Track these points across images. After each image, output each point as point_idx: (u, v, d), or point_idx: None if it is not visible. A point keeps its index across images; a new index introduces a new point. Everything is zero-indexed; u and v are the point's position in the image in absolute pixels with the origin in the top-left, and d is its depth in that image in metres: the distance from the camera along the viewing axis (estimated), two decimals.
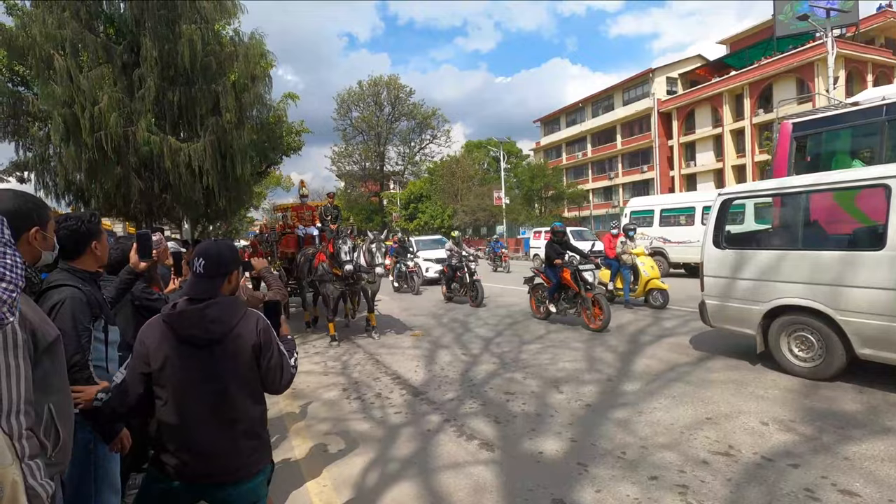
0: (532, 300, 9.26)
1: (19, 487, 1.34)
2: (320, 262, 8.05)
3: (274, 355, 1.86)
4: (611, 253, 9.75)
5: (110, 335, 2.20)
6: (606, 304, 7.53)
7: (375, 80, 48.06)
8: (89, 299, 2.07)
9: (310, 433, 4.36)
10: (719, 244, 5.67)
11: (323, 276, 7.99)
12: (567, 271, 7.98)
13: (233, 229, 39.27)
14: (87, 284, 2.13)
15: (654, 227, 15.41)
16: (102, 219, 9.05)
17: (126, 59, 9.63)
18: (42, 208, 1.75)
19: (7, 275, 1.16)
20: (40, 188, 10.38)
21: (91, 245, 2.18)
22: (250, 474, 1.84)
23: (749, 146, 32.33)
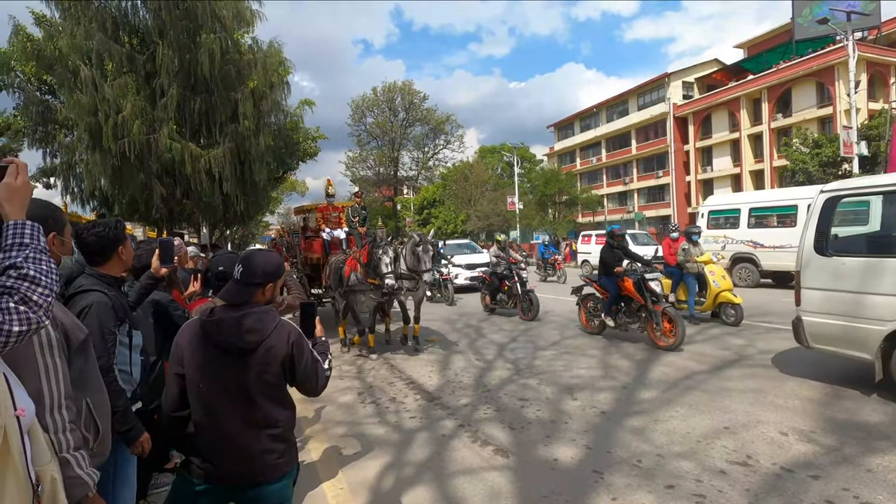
0: (582, 313, 8.23)
1: (58, 484, 1.41)
2: (352, 270, 7.15)
3: (308, 363, 1.91)
4: (671, 260, 8.59)
5: (134, 339, 2.25)
6: (679, 318, 6.61)
7: (389, 86, 48.42)
8: (114, 304, 2.12)
9: (325, 436, 4.41)
10: (824, 250, 4.77)
11: (355, 287, 7.08)
12: (629, 281, 7.08)
13: (248, 233, 39.80)
14: (113, 289, 2.17)
15: (740, 228, 13.32)
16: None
17: (149, 69, 9.91)
18: (57, 214, 1.82)
19: (43, 280, 1.20)
20: (66, 194, 10.72)
21: (117, 250, 2.23)
22: (279, 476, 1.90)
23: (767, 151, 31.84)
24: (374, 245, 6.67)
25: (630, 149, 42.49)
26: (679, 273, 8.48)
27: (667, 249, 8.71)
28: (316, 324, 2.17)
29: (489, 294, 10.71)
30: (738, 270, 13.46)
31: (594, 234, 19.71)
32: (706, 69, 39.36)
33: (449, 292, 12.55)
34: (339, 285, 7.54)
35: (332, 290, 8.04)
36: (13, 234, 1.23)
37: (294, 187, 42.83)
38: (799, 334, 5.03)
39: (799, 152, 21.51)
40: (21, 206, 1.29)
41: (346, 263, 7.35)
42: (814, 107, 29.70)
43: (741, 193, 15.80)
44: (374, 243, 6.69)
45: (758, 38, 37.03)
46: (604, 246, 7.72)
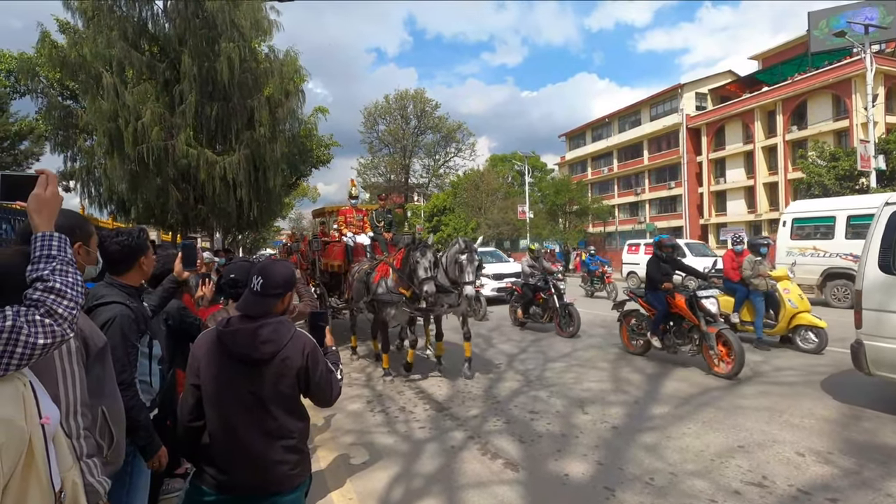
0: (624, 331, 7.50)
1: (79, 489, 1.43)
2: (382, 277, 6.34)
3: (322, 374, 1.92)
4: (734, 275, 7.51)
5: (154, 350, 2.26)
6: (738, 342, 5.85)
7: (402, 94, 48.78)
8: (136, 315, 2.12)
9: (335, 445, 4.41)
10: (890, 268, 4.38)
11: (384, 297, 6.23)
12: (680, 298, 6.36)
13: (260, 238, 40.16)
14: (134, 300, 2.17)
15: (835, 239, 11.66)
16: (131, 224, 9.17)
17: (168, 76, 10.12)
18: (84, 224, 1.85)
19: (69, 293, 1.22)
20: (84, 197, 10.92)
21: (139, 260, 2.22)
22: (292, 487, 1.90)
23: (781, 163, 31.49)
24: (411, 247, 5.81)
25: (642, 159, 42.27)
26: (744, 291, 7.40)
27: (729, 263, 7.66)
28: (326, 333, 2.19)
29: (521, 307, 9.94)
30: (833, 288, 11.71)
31: (642, 242, 17.33)
32: (720, 80, 39.12)
33: (481, 306, 11.17)
34: (363, 295, 6.74)
35: (356, 301, 7.13)
36: (41, 246, 1.25)
37: (306, 193, 43.19)
38: (859, 360, 4.61)
39: (815, 165, 21.25)
40: (50, 217, 1.31)
41: (376, 270, 6.57)
42: (830, 119, 29.35)
43: (835, 199, 13.31)
44: (411, 245, 5.82)
45: (773, 50, 36.77)
46: (650, 258, 6.96)
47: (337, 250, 8.50)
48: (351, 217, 8.80)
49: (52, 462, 1.25)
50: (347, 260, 8.19)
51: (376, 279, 6.43)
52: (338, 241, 8.85)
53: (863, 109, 20.09)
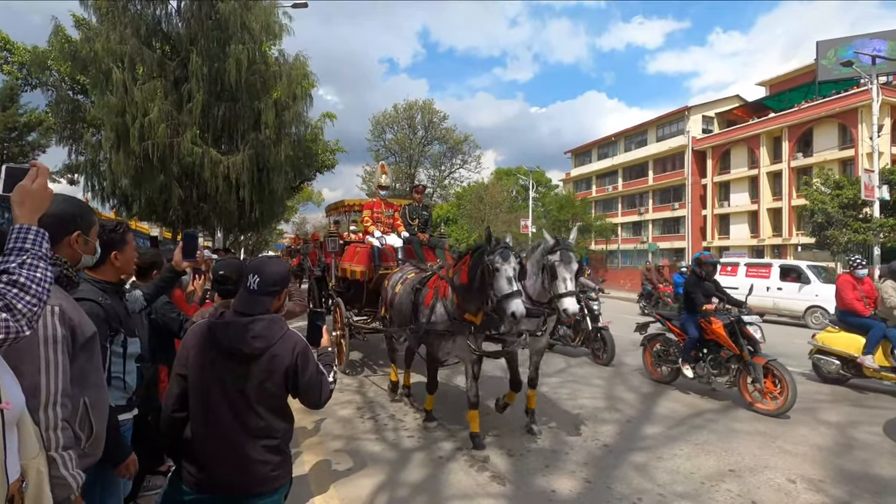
0: (648, 356, 6.80)
1: (44, 478, 1.39)
2: (436, 298, 4.44)
3: (312, 375, 1.90)
4: (861, 307, 6.20)
5: (129, 348, 2.18)
6: (790, 376, 5.19)
7: (410, 104, 49.13)
8: (108, 314, 2.05)
9: (322, 449, 4.36)
10: None
11: (441, 324, 4.30)
12: (718, 323, 5.71)
13: (262, 240, 40.23)
14: (109, 296, 2.11)
15: None
16: (141, 223, 9.29)
17: (178, 75, 10.23)
18: (86, 214, 1.83)
19: (33, 288, 1.17)
20: (88, 190, 10.95)
21: (110, 255, 2.14)
22: (272, 489, 1.87)
23: (786, 189, 31.52)
24: (483, 250, 3.92)
25: (647, 179, 42.36)
26: (881, 327, 5.94)
27: (849, 292, 6.33)
28: (323, 333, 2.17)
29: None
30: None
31: (742, 261, 14.71)
32: (727, 105, 39.34)
33: (608, 346, 7.74)
34: (409, 319, 4.75)
35: (394, 323, 5.19)
36: (15, 238, 1.21)
37: (310, 197, 43.36)
38: None
39: (819, 192, 21.25)
40: (32, 210, 1.26)
41: (427, 286, 4.65)
42: (835, 148, 29.43)
43: None
44: (483, 248, 3.94)
45: (781, 77, 36.99)
46: (689, 277, 6.28)
47: (361, 253, 6.73)
48: (379, 212, 7.07)
49: (9, 448, 1.22)
50: (374, 266, 6.47)
51: (427, 300, 4.49)
52: (360, 241, 7.33)
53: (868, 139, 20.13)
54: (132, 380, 2.29)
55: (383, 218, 7.22)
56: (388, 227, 7.17)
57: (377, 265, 6.56)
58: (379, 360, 6.32)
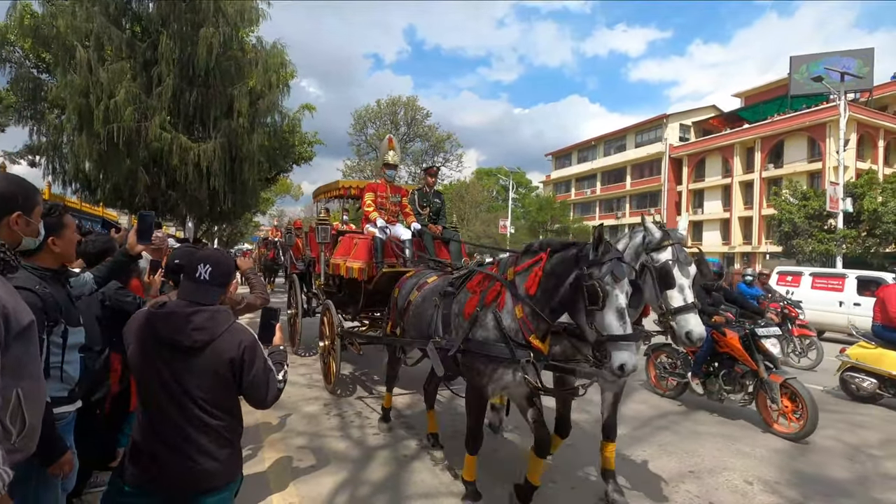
0: (651, 368, 6.33)
1: None
2: (487, 309, 3.08)
3: (258, 372, 1.82)
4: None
5: (70, 338, 2.07)
6: (809, 395, 4.70)
7: (394, 100, 48.79)
8: (46, 304, 1.94)
9: (284, 446, 4.26)
10: None
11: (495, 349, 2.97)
12: (733, 335, 5.23)
13: (237, 232, 39.43)
14: (48, 284, 2.00)
15: None
16: (108, 210, 8.86)
17: (148, 57, 9.87)
18: (30, 194, 1.72)
19: None
20: (49, 173, 10.47)
21: (47, 241, 2.02)
22: (217, 486, 1.80)
23: (757, 199, 32.46)
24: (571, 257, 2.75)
25: (624, 184, 43.07)
26: None
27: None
28: (276, 331, 2.10)
29: None
30: None
31: (807, 272, 12.62)
32: (704, 114, 40.28)
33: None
34: (423, 331, 3.63)
35: (411, 336, 3.91)
36: None
37: (288, 190, 42.68)
38: None
39: (787, 202, 21.95)
40: None
41: (471, 290, 3.27)
42: (804, 160, 30.44)
43: None
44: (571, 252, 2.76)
45: (756, 90, 38.04)
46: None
47: (359, 246, 5.59)
48: (384, 196, 5.86)
49: None
50: (376, 262, 5.35)
51: (468, 309, 3.14)
52: (357, 232, 6.32)
53: (835, 153, 20.86)
54: (73, 371, 2.17)
55: (388, 204, 5.91)
56: (393, 216, 5.93)
57: (380, 261, 5.34)
58: (375, 375, 5.97)
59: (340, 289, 6.19)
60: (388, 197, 5.95)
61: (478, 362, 3.03)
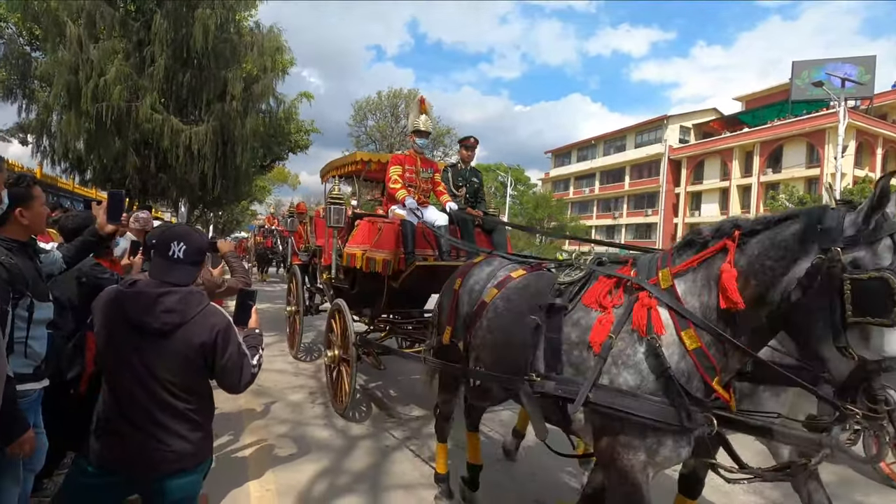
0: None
1: None
2: (641, 334, 1.87)
3: (232, 356, 1.75)
4: None
5: (37, 313, 2.03)
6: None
7: (395, 93, 48.61)
8: (12, 275, 1.89)
9: (265, 432, 4.21)
10: None
11: (660, 407, 1.78)
12: None
13: (233, 220, 39.26)
14: (16, 255, 1.95)
15: None
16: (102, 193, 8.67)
17: (142, 36, 9.73)
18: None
19: None
20: (37, 152, 10.36)
21: (14, 212, 1.99)
22: (188, 467, 1.74)
23: (754, 203, 32.54)
24: (812, 216, 1.66)
25: (623, 184, 43.11)
26: None
27: None
28: (252, 314, 2.03)
29: None
30: None
31: None
32: (704, 116, 40.30)
33: None
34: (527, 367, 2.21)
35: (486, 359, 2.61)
36: None
37: (285, 179, 42.48)
38: None
39: (784, 207, 22.01)
40: None
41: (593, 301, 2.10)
42: (802, 166, 30.52)
43: None
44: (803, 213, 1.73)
45: (757, 94, 38.06)
46: None
47: (385, 232, 4.45)
48: (413, 171, 4.73)
49: None
50: (405, 253, 4.23)
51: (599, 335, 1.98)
52: (378, 216, 5.15)
53: (833, 159, 20.88)
54: (40, 347, 2.10)
55: (419, 181, 4.78)
56: (424, 195, 4.86)
57: (410, 252, 4.21)
58: (397, 394, 5.16)
59: (354, 285, 5.04)
60: (419, 172, 4.80)
61: (627, 429, 1.86)
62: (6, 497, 1.92)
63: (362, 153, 5.45)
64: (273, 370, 5.96)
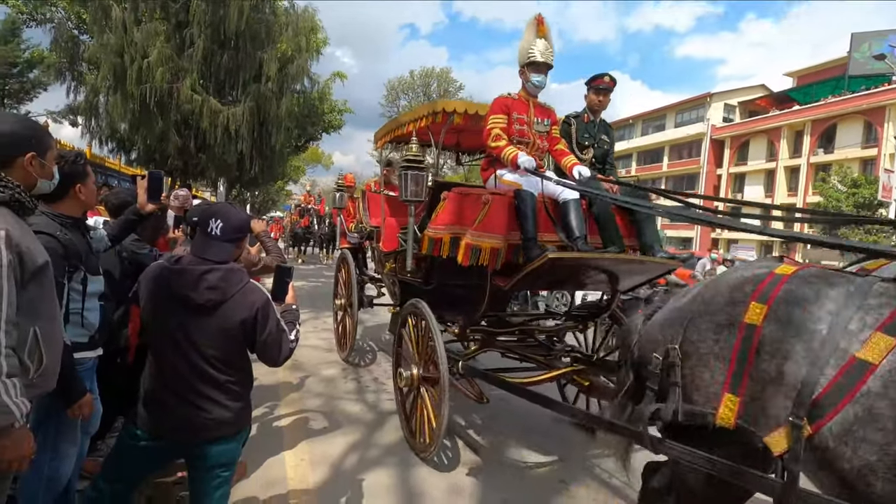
0: None
1: None
2: None
3: (272, 332, 1.82)
4: None
5: (90, 286, 2.13)
6: None
7: (427, 72, 48.24)
8: (67, 250, 1.98)
9: (301, 405, 4.36)
10: None
11: None
12: None
13: (269, 200, 40.22)
14: (69, 231, 2.04)
15: None
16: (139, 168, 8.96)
17: (181, 18, 9.96)
18: (43, 136, 1.72)
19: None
20: (86, 133, 10.84)
21: (74, 188, 2.08)
22: (227, 435, 1.83)
23: (802, 185, 30.91)
24: None
25: (661, 165, 41.67)
26: None
27: None
28: (289, 289, 2.09)
29: None
30: None
31: None
32: (751, 94, 38.22)
33: None
34: None
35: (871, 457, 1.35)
36: None
37: (319, 159, 43.07)
38: None
39: (835, 190, 20.83)
40: None
41: None
42: (858, 145, 28.67)
43: None
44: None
45: (810, 69, 35.74)
46: None
47: (494, 208, 3.14)
48: (525, 121, 3.47)
49: None
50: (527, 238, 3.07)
51: None
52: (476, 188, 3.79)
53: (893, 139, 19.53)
54: (94, 318, 2.22)
55: (531, 134, 3.48)
56: (539, 156, 3.51)
57: (532, 238, 3.03)
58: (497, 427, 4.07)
59: (429, 279, 3.80)
60: (534, 121, 3.49)
61: None
62: (66, 457, 2.07)
63: (443, 101, 3.92)
64: (307, 345, 6.14)
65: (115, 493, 1.87)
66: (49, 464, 1.99)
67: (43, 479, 1.98)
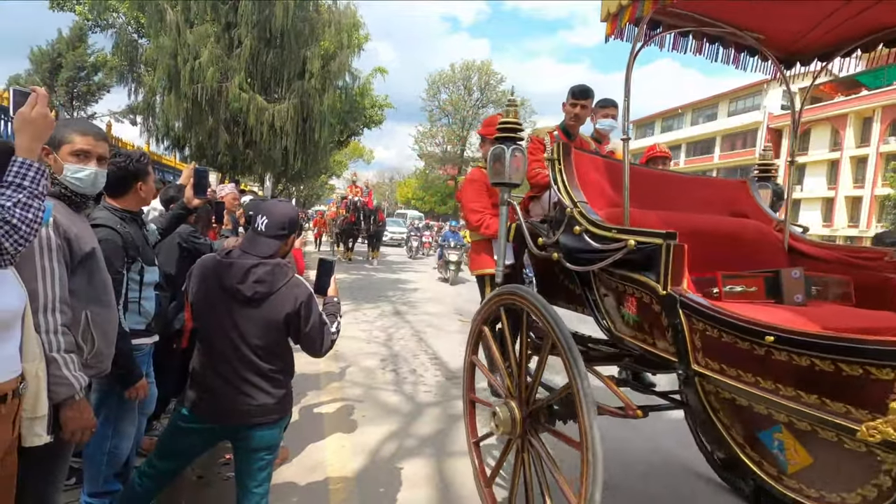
0: None
1: (42, 383, 1.45)
2: None
3: (314, 325, 1.89)
4: None
5: (146, 276, 2.26)
6: None
7: (468, 65, 47.96)
8: (126, 242, 2.09)
9: (342, 394, 4.48)
10: None
11: None
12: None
13: (313, 194, 41.27)
14: (128, 225, 2.16)
15: None
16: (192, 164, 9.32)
17: (230, 19, 10.37)
18: (56, 130, 1.80)
19: (23, 229, 1.21)
20: (144, 131, 11.56)
21: (136, 185, 2.21)
22: (270, 422, 1.91)
23: (871, 176, 28.73)
24: None
25: (712, 156, 39.76)
26: None
27: None
28: (331, 282, 2.14)
29: None
30: None
31: None
32: None
33: None
34: None
35: None
36: (16, 173, 1.23)
37: (361, 154, 43.75)
38: None
39: None
40: (32, 138, 1.27)
41: None
42: None
43: None
44: None
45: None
46: None
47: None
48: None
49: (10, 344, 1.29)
50: None
51: None
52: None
53: None
54: (150, 306, 2.35)
55: None
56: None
57: None
58: None
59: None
60: None
61: None
62: (125, 435, 2.22)
63: None
64: (347, 336, 6.29)
65: (168, 470, 1.99)
66: (110, 440, 2.14)
67: (105, 454, 2.14)
